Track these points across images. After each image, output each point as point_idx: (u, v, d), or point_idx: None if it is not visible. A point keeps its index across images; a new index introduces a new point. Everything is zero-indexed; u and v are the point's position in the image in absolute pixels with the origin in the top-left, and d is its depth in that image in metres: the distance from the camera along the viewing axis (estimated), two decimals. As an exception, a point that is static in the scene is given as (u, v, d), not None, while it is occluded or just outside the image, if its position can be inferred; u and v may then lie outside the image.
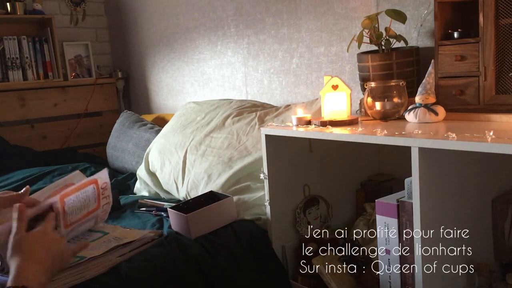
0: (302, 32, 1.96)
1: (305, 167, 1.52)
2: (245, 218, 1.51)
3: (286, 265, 1.49)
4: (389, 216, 1.16)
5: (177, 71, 2.77)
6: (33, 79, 2.86)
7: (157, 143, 2.05)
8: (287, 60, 2.06)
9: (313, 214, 1.54)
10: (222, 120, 1.89)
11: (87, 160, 2.63)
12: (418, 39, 1.56)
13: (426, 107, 1.26)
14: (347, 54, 1.75)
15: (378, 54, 1.47)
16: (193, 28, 2.55)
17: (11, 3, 2.75)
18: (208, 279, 1.31)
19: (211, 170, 1.71)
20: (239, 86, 2.34)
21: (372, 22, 1.47)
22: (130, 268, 1.21)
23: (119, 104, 3.26)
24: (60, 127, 3.01)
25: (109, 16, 3.31)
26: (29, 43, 2.84)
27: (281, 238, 1.49)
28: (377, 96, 1.38)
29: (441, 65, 1.30)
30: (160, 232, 1.40)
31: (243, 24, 2.24)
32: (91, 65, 3.13)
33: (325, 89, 1.39)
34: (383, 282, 1.20)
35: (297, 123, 1.39)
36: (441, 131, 1.09)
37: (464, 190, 1.15)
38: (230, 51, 2.35)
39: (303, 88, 2.02)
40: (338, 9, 1.81)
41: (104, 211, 1.36)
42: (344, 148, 1.55)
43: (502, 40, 1.18)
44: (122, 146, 2.50)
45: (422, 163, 1.02)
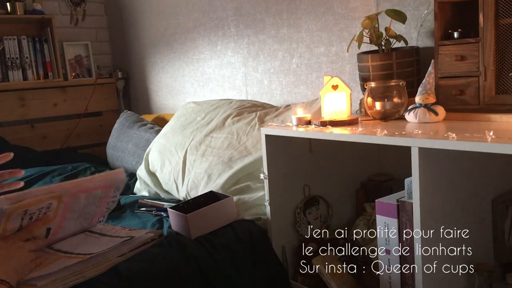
0: (302, 32, 1.96)
1: (305, 167, 1.52)
2: (245, 218, 1.51)
3: (286, 265, 1.49)
4: (389, 216, 1.16)
5: (177, 71, 2.77)
6: (33, 79, 2.86)
7: (157, 143, 2.05)
8: (287, 60, 2.06)
9: (313, 214, 1.54)
10: (222, 120, 1.88)
11: (87, 160, 2.63)
12: (418, 39, 1.56)
13: (426, 107, 1.26)
14: (347, 54, 1.75)
15: (378, 54, 1.47)
16: (193, 28, 2.55)
17: (11, 3, 2.75)
18: (208, 279, 1.31)
19: (211, 170, 1.71)
20: (239, 86, 2.34)
21: (372, 22, 1.47)
22: (130, 268, 1.21)
23: (119, 104, 3.26)
24: (60, 127, 3.01)
25: (109, 16, 3.31)
26: (29, 43, 2.84)
27: (281, 238, 1.49)
28: (377, 96, 1.38)
29: (441, 65, 1.30)
30: (160, 232, 1.40)
31: (243, 24, 2.24)
32: (91, 65, 3.14)
33: (325, 89, 1.39)
34: (383, 282, 1.20)
35: (297, 123, 1.39)
36: (441, 131, 1.09)
37: (464, 190, 1.15)
38: (230, 51, 2.35)
39: (303, 88, 2.02)
40: (338, 9, 1.81)
41: (107, 208, 1.36)
42: (344, 148, 1.55)
43: (502, 40, 1.18)
44: (122, 146, 2.50)
45: (422, 163, 1.02)
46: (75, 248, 1.27)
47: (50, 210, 1.18)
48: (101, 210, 1.36)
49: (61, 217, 1.25)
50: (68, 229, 1.32)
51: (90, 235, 1.38)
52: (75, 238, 1.37)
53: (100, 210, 1.35)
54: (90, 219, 1.36)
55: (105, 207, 1.36)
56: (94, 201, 1.29)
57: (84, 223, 1.35)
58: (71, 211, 1.26)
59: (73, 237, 1.37)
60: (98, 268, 1.18)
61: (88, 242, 1.33)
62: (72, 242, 1.33)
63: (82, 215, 1.31)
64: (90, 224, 1.37)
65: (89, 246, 1.27)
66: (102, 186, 1.30)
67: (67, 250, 1.26)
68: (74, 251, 1.25)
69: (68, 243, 1.32)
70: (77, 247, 1.27)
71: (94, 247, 1.25)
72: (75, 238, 1.36)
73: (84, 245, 1.29)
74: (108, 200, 1.34)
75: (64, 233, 1.31)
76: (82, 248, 1.26)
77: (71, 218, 1.28)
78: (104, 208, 1.36)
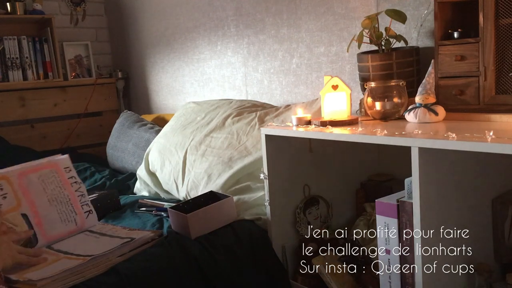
0: (302, 32, 1.96)
1: (305, 167, 1.52)
2: (245, 218, 1.51)
3: (286, 265, 1.49)
4: (389, 216, 1.16)
5: (177, 71, 2.77)
6: (33, 79, 2.86)
7: (157, 143, 2.05)
8: (287, 60, 2.06)
9: (313, 214, 1.54)
10: (222, 120, 1.89)
11: (87, 160, 2.63)
12: (418, 39, 1.56)
13: (426, 107, 1.26)
14: (347, 54, 1.75)
15: (378, 54, 1.47)
16: (193, 28, 2.55)
17: (11, 3, 2.75)
18: (208, 279, 1.31)
19: (211, 170, 1.71)
20: (239, 86, 2.34)
21: (372, 22, 1.47)
22: (130, 268, 1.21)
23: (119, 104, 3.26)
24: (60, 127, 3.01)
25: (109, 16, 3.31)
26: (29, 43, 2.84)
27: (281, 238, 1.49)
28: (377, 96, 1.38)
29: (441, 65, 1.30)
30: (160, 232, 1.40)
31: (243, 24, 2.24)
32: (91, 65, 3.14)
33: (325, 89, 1.39)
34: (383, 282, 1.20)
35: (297, 123, 1.39)
36: (441, 131, 1.09)
37: (464, 190, 1.15)
38: (230, 51, 2.35)
39: (303, 88, 2.02)
40: (338, 9, 1.81)
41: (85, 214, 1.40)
42: (344, 148, 1.56)
43: (502, 40, 1.18)
44: (122, 146, 2.50)
45: (422, 163, 1.02)
46: (75, 249, 1.27)
47: (7, 195, 1.24)
48: (73, 195, 1.42)
49: (28, 202, 1.31)
50: (51, 217, 1.36)
51: (90, 235, 1.38)
52: (74, 238, 1.37)
53: (73, 196, 1.42)
54: (69, 204, 1.41)
55: (75, 191, 1.43)
56: (52, 181, 1.38)
57: (66, 209, 1.39)
58: (35, 195, 1.33)
59: (73, 237, 1.37)
60: (98, 268, 1.18)
61: (88, 242, 1.33)
62: (71, 242, 1.33)
63: (54, 198, 1.36)
64: (79, 213, 1.42)
65: (89, 247, 1.27)
66: (47, 164, 1.40)
67: (67, 251, 1.26)
68: (74, 251, 1.25)
69: (67, 243, 1.32)
70: (77, 248, 1.28)
71: (94, 248, 1.25)
72: (75, 238, 1.37)
73: (84, 246, 1.30)
74: (70, 182, 1.43)
75: (52, 222, 1.35)
76: (82, 249, 1.26)
77: (42, 202, 1.34)
78: (74, 193, 1.42)
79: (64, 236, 1.36)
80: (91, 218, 1.46)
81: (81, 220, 1.42)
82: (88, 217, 1.45)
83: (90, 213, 1.45)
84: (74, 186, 1.44)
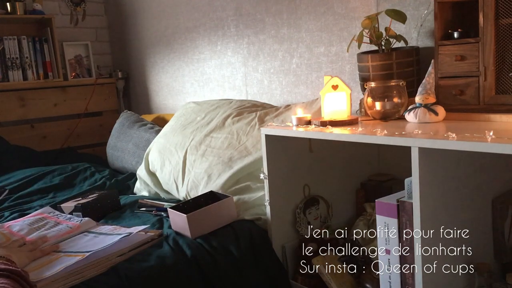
0: (302, 32, 1.96)
1: (305, 167, 1.52)
2: (245, 218, 1.51)
3: (286, 265, 1.49)
4: (389, 216, 1.16)
5: (177, 71, 2.77)
6: (33, 79, 2.86)
7: (157, 143, 2.05)
8: (287, 60, 2.06)
9: (313, 214, 1.54)
10: (222, 120, 1.88)
11: (87, 160, 2.63)
12: (418, 39, 1.56)
13: (426, 107, 1.26)
14: (347, 54, 1.75)
15: (378, 54, 1.47)
16: (193, 28, 2.55)
17: (11, 3, 2.75)
18: (208, 279, 1.31)
19: (211, 170, 1.71)
20: (239, 86, 2.34)
21: (372, 22, 1.47)
22: (130, 268, 1.21)
23: (119, 104, 3.26)
24: (60, 127, 3.01)
25: (109, 16, 3.31)
26: (29, 43, 2.84)
27: (281, 238, 1.49)
28: (377, 96, 1.38)
29: (441, 65, 1.30)
30: (160, 232, 1.40)
31: (243, 24, 2.24)
32: (91, 65, 3.14)
33: (325, 89, 1.39)
34: (383, 282, 1.20)
35: (297, 123, 1.39)
36: (441, 131, 1.09)
37: (464, 190, 1.15)
38: (230, 51, 2.35)
39: (303, 88, 2.02)
40: (338, 9, 1.81)
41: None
42: (344, 148, 1.56)
43: (502, 40, 1.18)
44: (122, 146, 2.50)
45: (422, 163, 1.02)
46: (73, 247, 1.27)
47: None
48: (60, 220, 1.53)
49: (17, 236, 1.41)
50: (43, 232, 1.43)
51: (88, 235, 1.39)
52: (73, 238, 1.37)
53: (60, 219, 1.54)
54: (57, 223, 1.51)
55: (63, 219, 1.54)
56: (38, 220, 1.54)
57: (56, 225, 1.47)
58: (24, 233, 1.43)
59: (71, 238, 1.37)
60: (98, 268, 1.18)
61: (87, 240, 1.33)
62: (70, 242, 1.34)
63: (41, 227, 1.47)
64: (70, 223, 1.48)
65: (87, 244, 1.28)
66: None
67: (66, 250, 1.26)
68: (73, 250, 1.25)
69: (66, 243, 1.33)
70: (75, 246, 1.28)
71: (93, 245, 1.25)
72: (73, 238, 1.37)
73: (82, 244, 1.30)
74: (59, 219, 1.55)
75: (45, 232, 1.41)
76: (80, 247, 1.26)
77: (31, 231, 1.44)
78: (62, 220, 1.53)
79: (62, 236, 1.37)
80: (86, 221, 1.47)
81: (75, 224, 1.45)
82: (82, 221, 1.47)
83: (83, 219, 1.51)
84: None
